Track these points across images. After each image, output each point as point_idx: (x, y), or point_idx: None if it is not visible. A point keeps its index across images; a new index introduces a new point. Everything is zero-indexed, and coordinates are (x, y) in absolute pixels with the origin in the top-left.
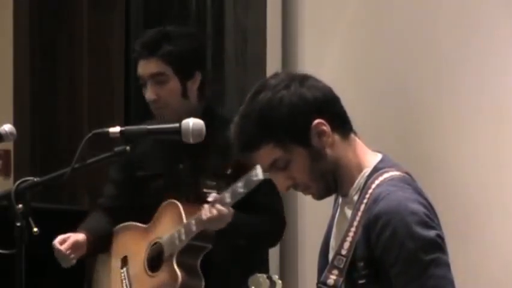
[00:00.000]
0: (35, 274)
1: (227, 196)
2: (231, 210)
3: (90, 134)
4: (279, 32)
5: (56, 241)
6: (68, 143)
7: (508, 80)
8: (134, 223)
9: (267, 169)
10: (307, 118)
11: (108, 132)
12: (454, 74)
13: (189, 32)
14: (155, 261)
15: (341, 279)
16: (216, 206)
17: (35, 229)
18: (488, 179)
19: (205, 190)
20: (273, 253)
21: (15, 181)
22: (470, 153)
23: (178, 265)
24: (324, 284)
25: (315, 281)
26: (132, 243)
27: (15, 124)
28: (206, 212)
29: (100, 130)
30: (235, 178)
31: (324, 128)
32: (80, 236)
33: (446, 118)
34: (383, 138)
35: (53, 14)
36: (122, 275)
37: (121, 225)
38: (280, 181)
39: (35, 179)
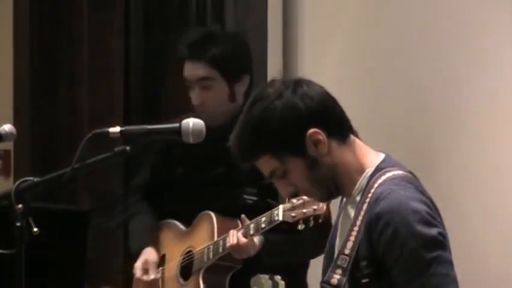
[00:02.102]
0: (35, 274)
1: (252, 227)
2: (255, 243)
3: (90, 134)
4: (279, 32)
5: (140, 273)
6: (68, 143)
7: (505, 79)
8: (176, 222)
9: (268, 177)
10: (300, 129)
11: (108, 132)
12: (454, 73)
13: (234, 34)
14: (187, 269)
15: (344, 279)
16: (237, 235)
17: (35, 229)
18: (489, 179)
19: (245, 196)
20: None
21: (15, 181)
22: (472, 153)
23: (204, 281)
24: (328, 283)
25: (316, 275)
26: (171, 244)
27: (15, 124)
28: (229, 237)
29: (100, 130)
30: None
31: (320, 137)
32: (153, 257)
33: (447, 117)
34: (383, 137)
35: (53, 14)
36: (159, 274)
37: (164, 221)
38: (282, 188)
39: (35, 179)
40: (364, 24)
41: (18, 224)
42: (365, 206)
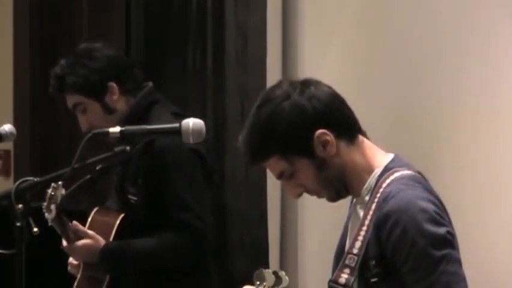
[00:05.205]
0: (35, 274)
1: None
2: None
3: (90, 134)
4: (279, 32)
5: None
6: (68, 143)
7: (507, 80)
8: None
9: (277, 178)
10: (308, 131)
11: (108, 132)
12: (454, 73)
13: (87, 49)
14: None
15: (353, 278)
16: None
17: (35, 229)
18: (486, 179)
19: (129, 196)
20: (273, 247)
21: (15, 181)
22: (475, 152)
23: None
24: (336, 282)
25: (315, 275)
26: None
27: (15, 124)
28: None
29: (100, 130)
30: (146, 187)
31: (327, 138)
32: None
33: (449, 117)
34: (383, 138)
35: (53, 14)
36: None
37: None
38: (291, 189)
39: (35, 179)
40: (364, 24)
41: (18, 224)
42: (373, 206)
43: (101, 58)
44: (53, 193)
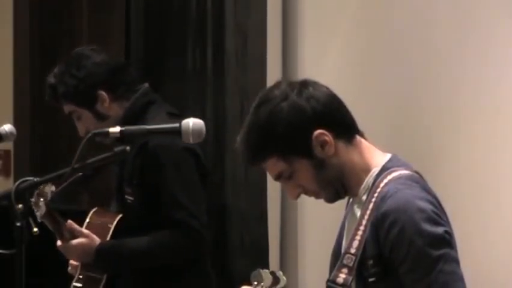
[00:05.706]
0: (35, 274)
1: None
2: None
3: (90, 134)
4: (279, 32)
5: None
6: (68, 143)
7: (507, 80)
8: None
9: (275, 179)
10: (306, 131)
11: (108, 132)
12: (454, 73)
13: (74, 57)
14: None
15: (351, 278)
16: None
17: (35, 229)
18: (485, 180)
19: (126, 196)
20: (273, 247)
21: (15, 181)
22: (475, 153)
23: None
24: (334, 282)
25: (315, 275)
26: None
27: (15, 124)
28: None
29: (100, 130)
30: (141, 187)
31: (326, 138)
32: None
33: (445, 117)
34: (383, 138)
35: (53, 14)
36: None
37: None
38: (290, 190)
39: (35, 179)
40: (364, 24)
41: (18, 224)
42: (371, 205)
43: (90, 66)
44: (41, 188)
